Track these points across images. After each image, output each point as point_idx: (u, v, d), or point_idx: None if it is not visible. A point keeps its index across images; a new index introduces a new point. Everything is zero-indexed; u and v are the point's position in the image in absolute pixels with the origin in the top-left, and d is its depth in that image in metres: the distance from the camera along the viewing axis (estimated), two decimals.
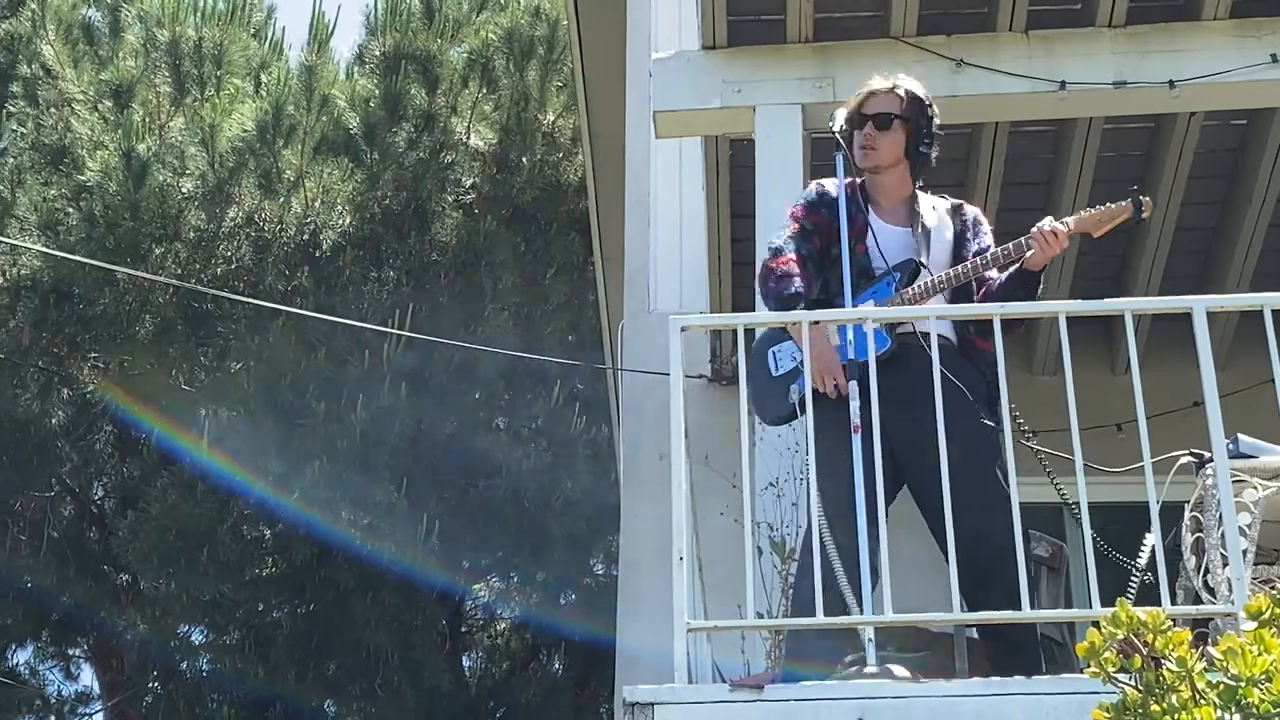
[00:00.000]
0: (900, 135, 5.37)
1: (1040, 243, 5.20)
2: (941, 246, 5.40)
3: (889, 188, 5.43)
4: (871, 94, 5.39)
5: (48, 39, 13.21)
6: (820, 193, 5.43)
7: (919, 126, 5.40)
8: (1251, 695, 3.55)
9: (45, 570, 12.85)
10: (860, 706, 4.40)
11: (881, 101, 5.36)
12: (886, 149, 5.34)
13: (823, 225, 5.34)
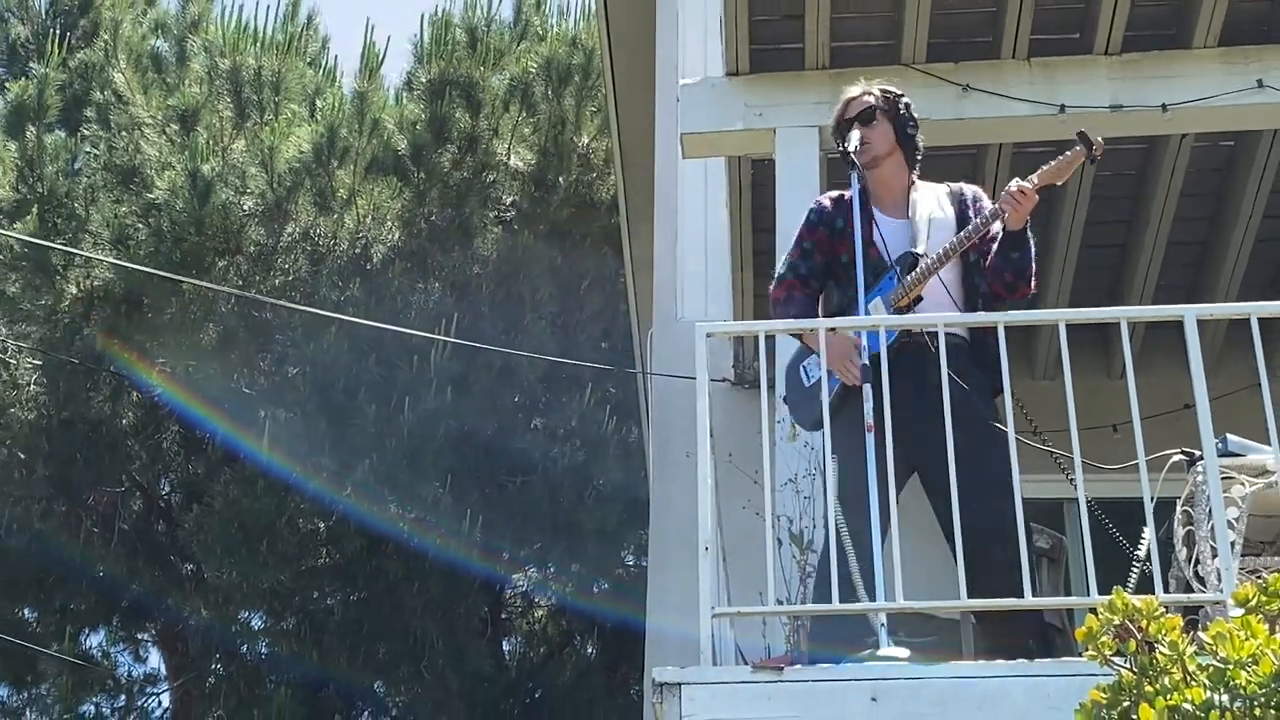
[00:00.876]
0: (887, 125, 5.46)
1: (1011, 203, 5.22)
2: (945, 230, 5.42)
3: (889, 180, 5.48)
4: (849, 101, 5.47)
5: (119, 67, 13.26)
6: (819, 211, 5.50)
7: (900, 115, 5.49)
8: (1239, 677, 3.54)
9: (116, 560, 12.88)
10: (873, 687, 4.39)
11: (858, 103, 5.44)
12: (879, 139, 5.42)
13: (823, 242, 5.45)
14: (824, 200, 5.53)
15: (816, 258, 5.40)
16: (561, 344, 12.19)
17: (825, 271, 5.41)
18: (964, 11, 6.38)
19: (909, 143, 5.51)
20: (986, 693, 4.40)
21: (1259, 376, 4.88)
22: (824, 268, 5.40)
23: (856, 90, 5.54)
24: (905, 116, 5.50)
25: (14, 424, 12.51)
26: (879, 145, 5.41)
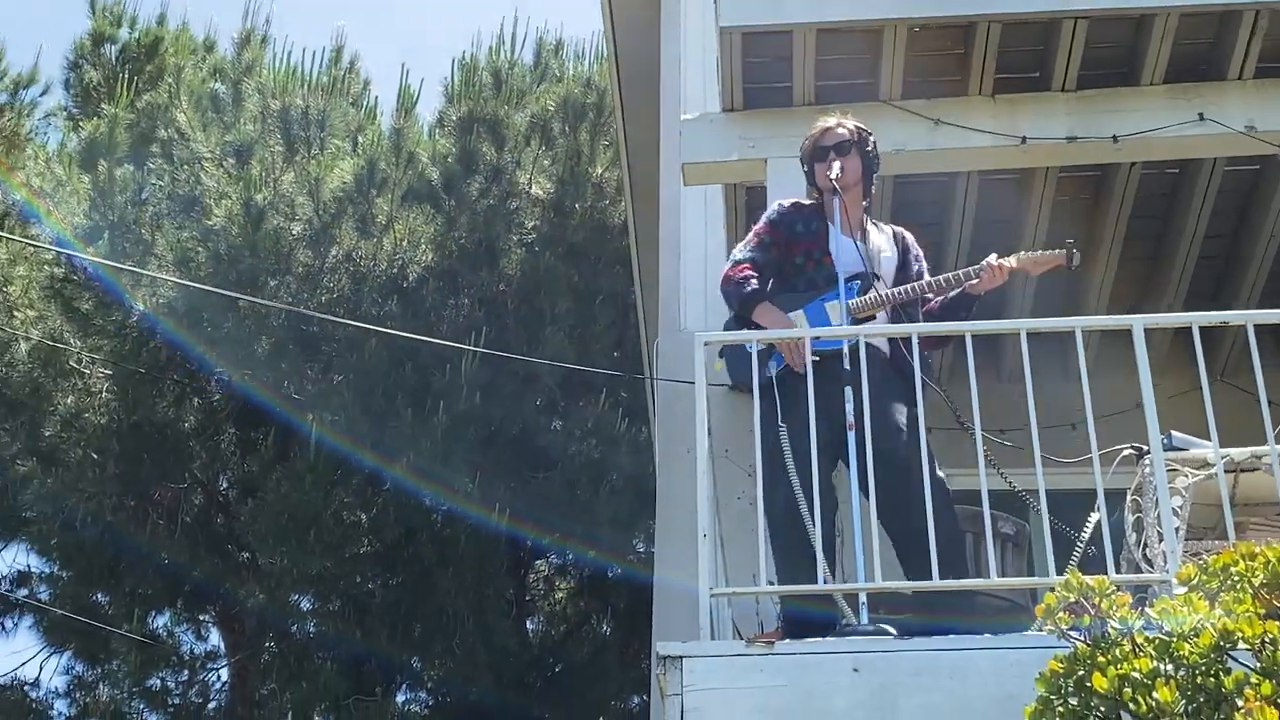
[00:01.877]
0: (858, 160, 5.50)
1: (988, 274, 5.30)
2: (886, 263, 5.54)
3: (850, 210, 5.51)
4: (826, 130, 5.52)
5: (181, 108, 13.29)
6: (780, 212, 5.58)
7: (868, 152, 5.55)
8: (1182, 649, 3.53)
9: (179, 549, 12.89)
10: (855, 659, 4.39)
11: (835, 134, 5.48)
12: (850, 171, 5.45)
13: (780, 240, 5.52)
14: (785, 204, 5.64)
15: (772, 252, 5.51)
16: (578, 353, 12.20)
17: (775, 266, 5.48)
18: (934, 54, 6.39)
19: (869, 177, 5.60)
20: (956, 663, 4.40)
21: (1200, 379, 4.89)
22: (775, 263, 5.48)
23: (833, 122, 5.58)
24: (872, 154, 5.58)
25: (88, 427, 12.53)
26: (850, 175, 5.47)
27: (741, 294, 5.36)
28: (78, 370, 12.55)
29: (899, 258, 5.60)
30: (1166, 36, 6.26)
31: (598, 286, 12.69)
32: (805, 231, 5.48)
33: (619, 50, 9.44)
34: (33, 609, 14.23)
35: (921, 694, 4.34)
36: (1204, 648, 3.47)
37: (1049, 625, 3.85)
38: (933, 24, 6.25)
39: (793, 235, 5.48)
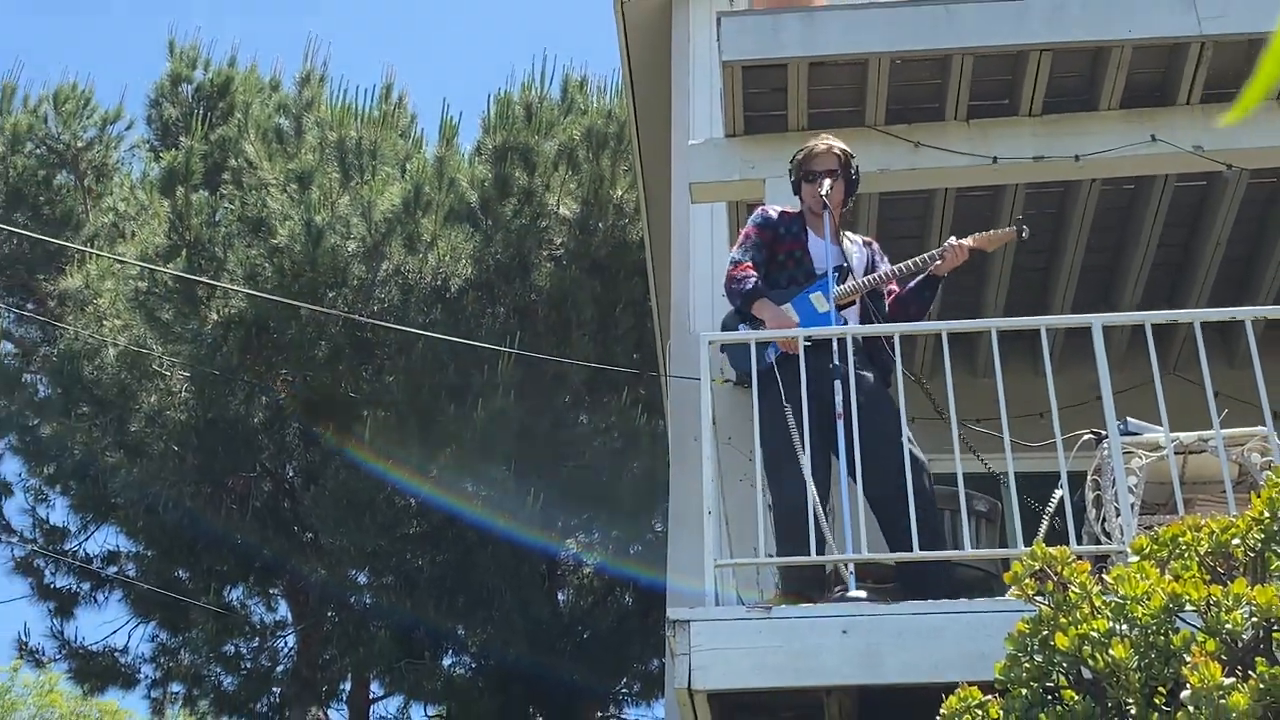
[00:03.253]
0: (842, 182, 5.52)
1: (951, 254, 5.32)
2: (858, 263, 5.56)
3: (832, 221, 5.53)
4: (819, 153, 5.55)
5: (250, 139, 13.34)
6: (766, 216, 5.62)
7: (851, 178, 5.59)
8: (1136, 610, 3.51)
9: (250, 530, 12.94)
10: (843, 623, 4.38)
11: (829, 157, 5.50)
12: (837, 193, 5.48)
13: (767, 239, 5.56)
14: (770, 211, 5.70)
15: (763, 251, 5.49)
16: (601, 354, 12.21)
17: (769, 262, 5.50)
18: (914, 83, 6.37)
19: (850, 195, 5.64)
20: (934, 626, 4.39)
21: (1153, 372, 4.87)
22: (768, 260, 5.50)
23: (824, 146, 5.58)
24: (854, 177, 5.62)
25: (169, 423, 12.58)
26: (836, 198, 5.49)
27: (744, 290, 5.37)
28: (160, 372, 12.60)
29: (868, 260, 5.64)
30: (1122, 67, 6.24)
31: (618, 296, 12.69)
32: (787, 234, 5.54)
33: (635, 85, 9.42)
34: (121, 584, 14.29)
35: (903, 653, 4.32)
36: (1155, 610, 3.44)
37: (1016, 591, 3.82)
38: (912, 57, 6.23)
39: (776, 236, 5.54)
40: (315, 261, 11.90)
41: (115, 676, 14.44)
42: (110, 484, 12.97)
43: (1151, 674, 3.35)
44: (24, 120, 14.99)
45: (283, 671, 14.41)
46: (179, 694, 14.56)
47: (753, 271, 5.39)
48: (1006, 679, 3.57)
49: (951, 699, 3.61)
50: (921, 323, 5.30)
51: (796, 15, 6.27)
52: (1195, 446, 5.16)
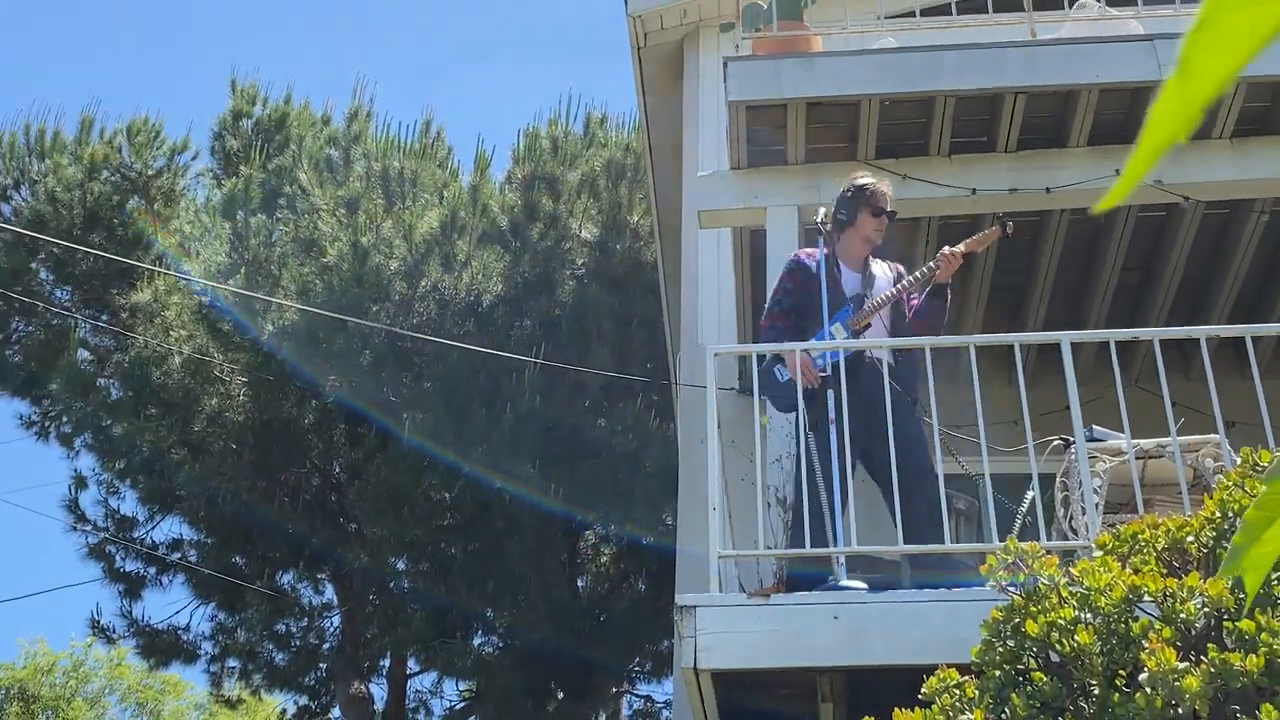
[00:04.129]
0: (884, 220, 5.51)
1: (946, 262, 5.29)
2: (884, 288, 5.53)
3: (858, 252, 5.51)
4: (886, 194, 5.54)
5: (303, 169, 13.38)
6: (798, 261, 5.54)
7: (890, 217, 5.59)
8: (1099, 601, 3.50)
9: (302, 521, 12.97)
10: (834, 609, 4.38)
11: (879, 194, 5.51)
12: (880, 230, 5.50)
13: (800, 283, 5.45)
14: (803, 257, 5.59)
15: (795, 295, 5.45)
16: (618, 364, 12.21)
17: (801, 304, 5.41)
18: (901, 122, 6.37)
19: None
20: (916, 612, 4.39)
21: (1116, 384, 4.87)
22: (801, 303, 5.43)
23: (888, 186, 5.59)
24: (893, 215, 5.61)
25: (228, 424, 12.62)
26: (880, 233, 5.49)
27: (770, 340, 5.39)
28: (220, 378, 12.65)
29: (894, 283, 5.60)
30: (1089, 109, 6.24)
31: (634, 311, 12.70)
32: (817, 270, 5.46)
33: (650, 122, 9.45)
34: (184, 569, 14.32)
35: (887, 637, 4.32)
36: (1116, 600, 3.44)
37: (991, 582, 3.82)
38: (900, 98, 6.23)
39: (808, 276, 5.46)
40: (361, 279, 11.93)
41: (178, 652, 14.46)
42: (175, 478, 13.00)
43: (1113, 658, 3.35)
44: (100, 150, 15.04)
45: (329, 649, 14.43)
46: (235, 668, 14.58)
47: (781, 322, 5.38)
48: (982, 661, 3.57)
49: (932, 679, 3.61)
50: (907, 339, 5.29)
51: (795, 60, 6.28)
52: (1154, 452, 5.16)
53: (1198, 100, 0.38)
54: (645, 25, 8.86)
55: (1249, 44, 0.38)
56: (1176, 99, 0.38)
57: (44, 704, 17.18)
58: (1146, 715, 3.12)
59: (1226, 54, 0.38)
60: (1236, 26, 0.38)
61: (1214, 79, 0.38)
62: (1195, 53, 0.38)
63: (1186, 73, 0.38)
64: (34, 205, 14.60)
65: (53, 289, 15.11)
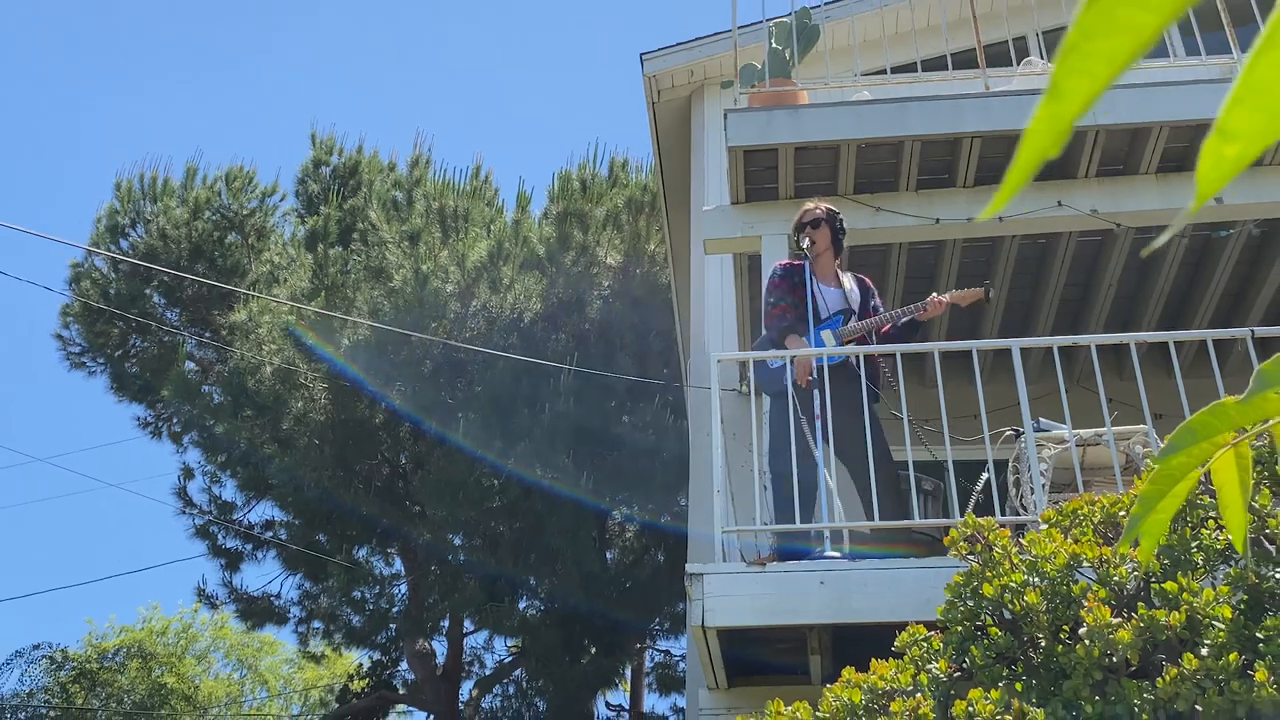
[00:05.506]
0: (826, 231, 5.45)
1: (932, 307, 5.27)
2: (855, 301, 5.50)
3: (825, 263, 5.48)
4: (804, 211, 5.50)
5: (372, 208, 13.43)
6: (784, 269, 5.53)
7: (835, 226, 5.52)
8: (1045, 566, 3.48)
9: (374, 504, 13.00)
10: (820, 575, 4.36)
11: (809, 214, 5.45)
12: (820, 239, 5.43)
13: (789, 285, 5.45)
14: (782, 264, 5.60)
15: (792, 294, 5.43)
16: (639, 370, 12.22)
17: (795, 304, 5.40)
18: (876, 162, 6.35)
19: (838, 246, 5.55)
20: (892, 577, 4.36)
21: (1059, 383, 4.84)
22: (795, 303, 5.42)
23: (810, 205, 5.56)
24: (838, 227, 5.53)
25: (311, 423, 12.65)
26: (820, 243, 5.43)
27: (781, 324, 5.31)
28: (305, 384, 12.68)
29: (862, 296, 5.58)
30: None
31: (652, 325, 12.72)
32: (799, 281, 5.47)
33: (663, 164, 9.45)
34: (275, 545, 14.37)
35: (867, 598, 4.30)
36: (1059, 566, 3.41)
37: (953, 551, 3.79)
38: (874, 142, 6.21)
39: (793, 283, 5.47)
40: (422, 300, 11.97)
41: (271, 616, 14.52)
42: (267, 469, 13.05)
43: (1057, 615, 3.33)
44: (203, 194, 15.12)
45: (397, 612, 14.46)
46: (319, 629, 14.62)
47: (789, 313, 5.34)
48: (946, 619, 3.55)
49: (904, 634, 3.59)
50: (883, 345, 5.27)
51: (785, 111, 6.27)
52: (1092, 440, 5.12)
53: (1067, 118, 0.37)
54: (659, 84, 8.87)
55: (1110, 69, 0.38)
56: (1048, 118, 0.37)
57: (159, 660, 17.24)
58: (1085, 664, 3.10)
59: (1090, 77, 0.37)
60: (1099, 52, 0.37)
61: (1081, 99, 0.37)
62: (1063, 76, 0.37)
63: (1057, 94, 0.37)
64: (148, 240, 14.68)
65: (164, 311, 15.20)
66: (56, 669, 16.12)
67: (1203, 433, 0.65)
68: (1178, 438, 0.67)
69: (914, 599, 4.13)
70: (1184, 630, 3.07)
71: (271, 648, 19.84)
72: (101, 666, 16.55)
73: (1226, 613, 3.06)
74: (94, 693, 16.02)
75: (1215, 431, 0.66)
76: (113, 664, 16.73)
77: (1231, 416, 0.65)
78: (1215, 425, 0.65)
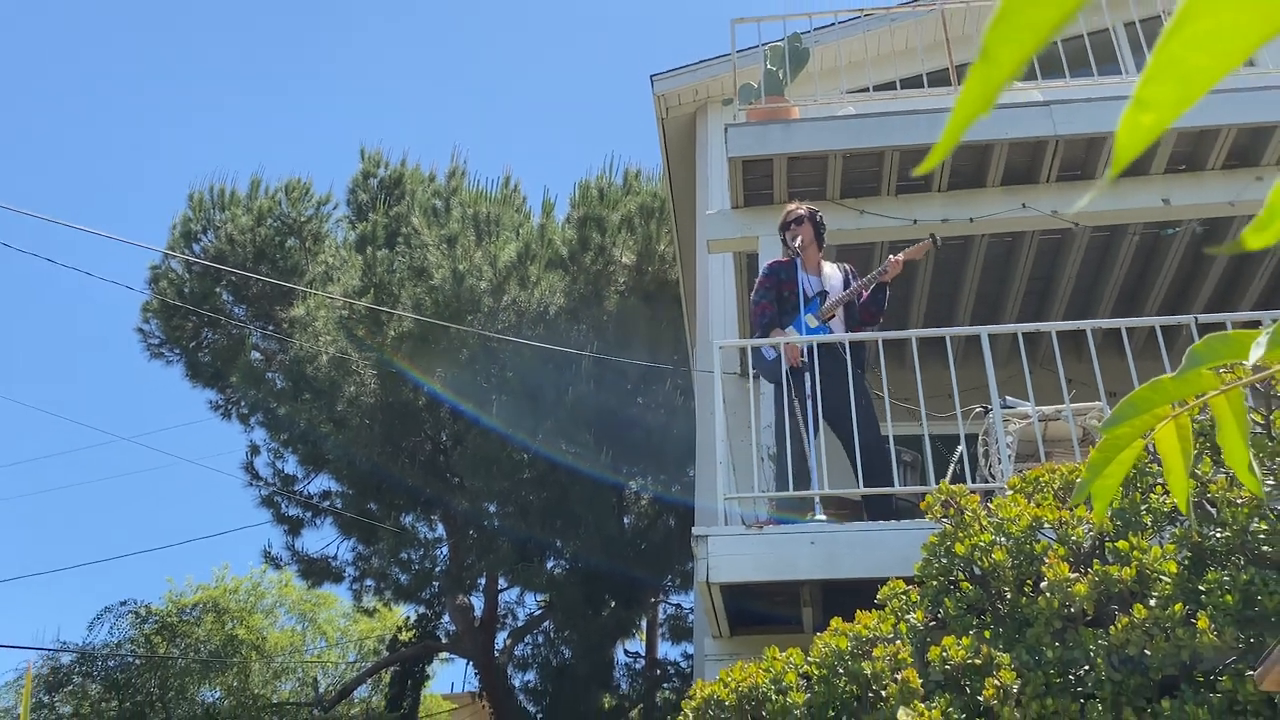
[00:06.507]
0: (808, 227, 5.44)
1: (890, 267, 5.28)
2: (839, 286, 5.49)
3: (810, 259, 5.47)
4: (788, 212, 5.48)
5: (415, 214, 13.40)
6: (770, 267, 5.52)
7: (815, 222, 5.51)
8: (1011, 528, 3.46)
9: (418, 476, 13.02)
10: (810, 537, 4.35)
11: (793, 214, 5.44)
12: (804, 234, 5.41)
13: (773, 283, 5.44)
14: (770, 263, 5.59)
15: (772, 292, 5.43)
16: (651, 357, 12.21)
17: (778, 297, 5.41)
18: (860, 169, 6.32)
19: (820, 237, 5.55)
20: (877, 539, 4.35)
21: (1024, 365, 4.81)
22: (777, 296, 5.41)
23: (794, 205, 5.55)
24: (820, 224, 5.53)
25: (363, 405, 12.67)
26: (804, 238, 5.43)
27: (762, 322, 5.34)
28: (356, 371, 12.70)
29: (844, 281, 5.57)
30: (1001, 157, 6.17)
31: (662, 316, 12.69)
32: (786, 277, 5.45)
33: (671, 173, 9.43)
34: (332, 513, 14.42)
35: (853, 557, 4.29)
36: (1024, 527, 3.40)
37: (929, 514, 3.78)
38: (858, 152, 6.19)
39: (778, 280, 5.46)
40: (459, 296, 11.96)
41: (328, 575, 14.58)
42: (324, 446, 13.08)
43: (1021, 571, 3.32)
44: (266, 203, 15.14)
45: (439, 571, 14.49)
46: (371, 586, 14.67)
47: (768, 310, 5.35)
48: (922, 574, 3.54)
49: (885, 588, 3.58)
50: (866, 333, 5.25)
51: (779, 125, 6.24)
52: (1053, 416, 5.10)
53: (997, 82, 0.37)
54: (667, 102, 8.84)
55: (1035, 37, 0.37)
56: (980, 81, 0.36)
57: (231, 614, 17.34)
58: (1046, 614, 3.09)
59: (1018, 45, 0.36)
60: (1028, 20, 0.36)
61: (1009, 65, 0.36)
62: (994, 43, 0.36)
63: (987, 59, 0.36)
64: (217, 245, 14.72)
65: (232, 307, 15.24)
66: (141, 622, 16.23)
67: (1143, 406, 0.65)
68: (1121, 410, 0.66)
69: (894, 557, 4.12)
70: (1134, 584, 3.06)
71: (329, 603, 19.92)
72: (180, 620, 16.65)
73: (1172, 568, 3.05)
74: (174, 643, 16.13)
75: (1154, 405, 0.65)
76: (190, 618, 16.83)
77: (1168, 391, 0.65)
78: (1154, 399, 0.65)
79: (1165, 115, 0.36)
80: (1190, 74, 0.35)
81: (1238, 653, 2.83)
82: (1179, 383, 0.61)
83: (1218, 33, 0.34)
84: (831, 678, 3.12)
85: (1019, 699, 2.91)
